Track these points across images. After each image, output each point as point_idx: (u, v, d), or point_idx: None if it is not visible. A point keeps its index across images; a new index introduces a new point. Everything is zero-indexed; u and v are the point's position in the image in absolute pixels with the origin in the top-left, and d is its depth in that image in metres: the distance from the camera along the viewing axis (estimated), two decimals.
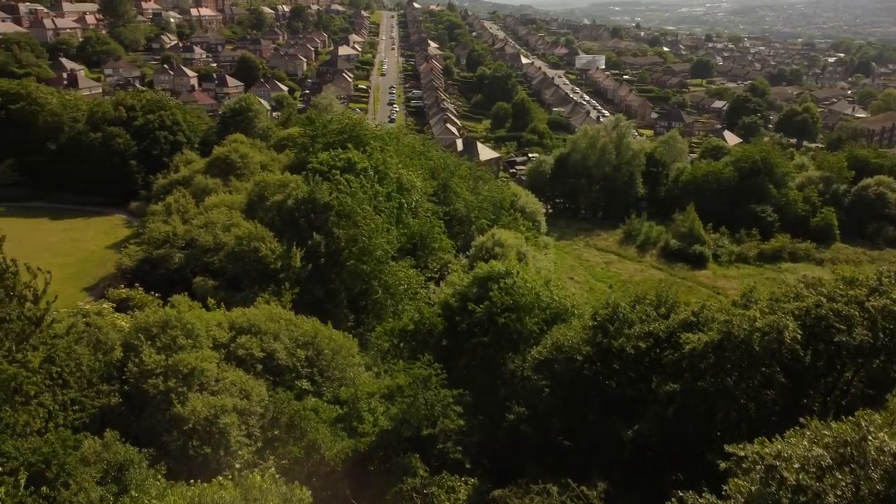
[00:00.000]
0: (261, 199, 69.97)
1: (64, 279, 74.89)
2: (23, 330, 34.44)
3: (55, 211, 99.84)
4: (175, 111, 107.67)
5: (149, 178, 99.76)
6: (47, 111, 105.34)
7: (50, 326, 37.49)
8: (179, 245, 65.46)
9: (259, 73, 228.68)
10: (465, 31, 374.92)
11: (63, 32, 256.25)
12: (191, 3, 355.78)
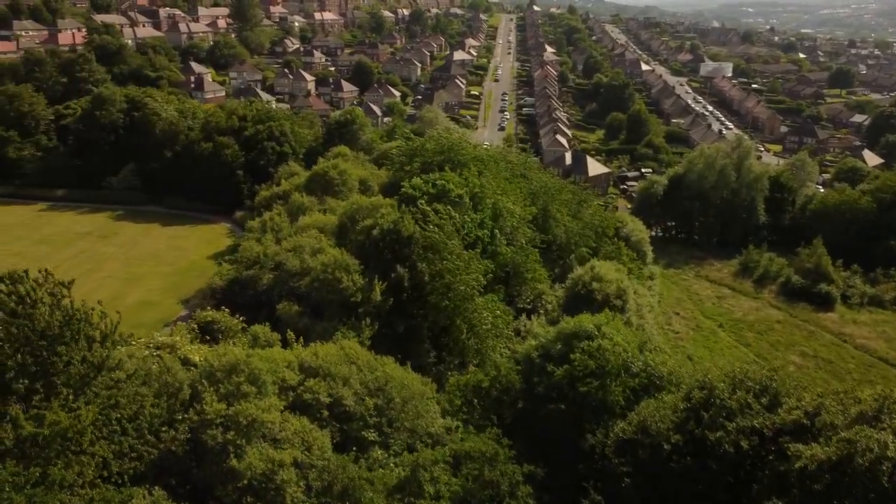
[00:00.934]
0: (352, 222, 68.82)
1: (164, 289, 77.28)
2: (85, 374, 33.99)
3: (166, 216, 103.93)
4: (283, 122, 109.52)
5: (254, 187, 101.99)
6: (165, 119, 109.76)
7: (116, 368, 36.91)
8: (269, 266, 65.34)
9: (373, 77, 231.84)
10: (583, 35, 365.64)
11: (196, 36, 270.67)
12: (315, 8, 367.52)
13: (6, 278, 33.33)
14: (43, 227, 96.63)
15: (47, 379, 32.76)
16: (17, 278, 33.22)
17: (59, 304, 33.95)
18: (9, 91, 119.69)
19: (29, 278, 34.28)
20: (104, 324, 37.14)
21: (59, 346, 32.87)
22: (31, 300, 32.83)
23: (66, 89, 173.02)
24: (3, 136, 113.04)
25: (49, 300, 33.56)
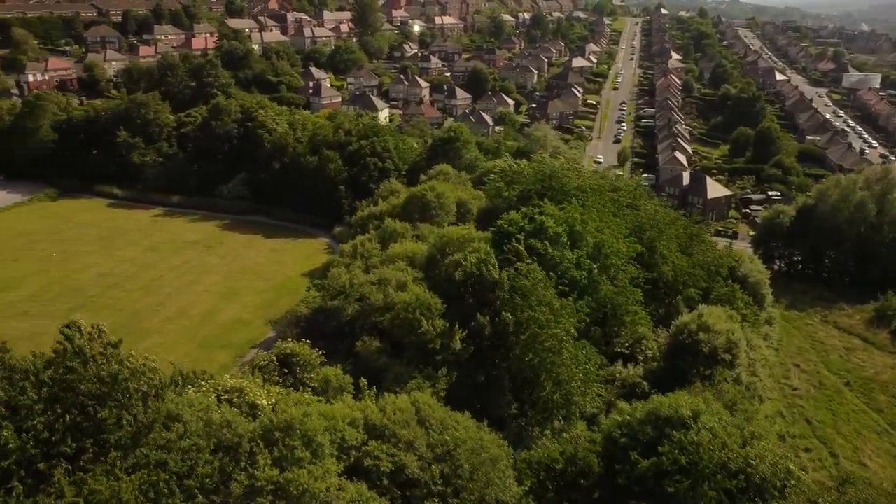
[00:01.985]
0: (441, 254, 66.33)
1: (257, 307, 77.85)
2: (136, 433, 33.10)
3: (269, 228, 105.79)
4: (387, 138, 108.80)
5: (355, 203, 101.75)
6: (275, 131, 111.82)
7: (173, 421, 35.84)
8: (354, 297, 63.88)
9: (488, 85, 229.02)
10: (713, 40, 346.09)
11: (319, 41, 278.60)
12: (436, 12, 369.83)
13: (62, 334, 32.95)
14: (155, 234, 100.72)
15: (97, 437, 32.10)
16: (71, 335, 32.67)
17: (110, 361, 33.12)
18: (138, 99, 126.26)
19: (83, 333, 33.80)
20: (158, 377, 36.33)
21: (110, 404, 32.13)
22: (84, 357, 32.17)
23: (194, 93, 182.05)
24: (129, 142, 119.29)
25: (100, 357, 32.79)
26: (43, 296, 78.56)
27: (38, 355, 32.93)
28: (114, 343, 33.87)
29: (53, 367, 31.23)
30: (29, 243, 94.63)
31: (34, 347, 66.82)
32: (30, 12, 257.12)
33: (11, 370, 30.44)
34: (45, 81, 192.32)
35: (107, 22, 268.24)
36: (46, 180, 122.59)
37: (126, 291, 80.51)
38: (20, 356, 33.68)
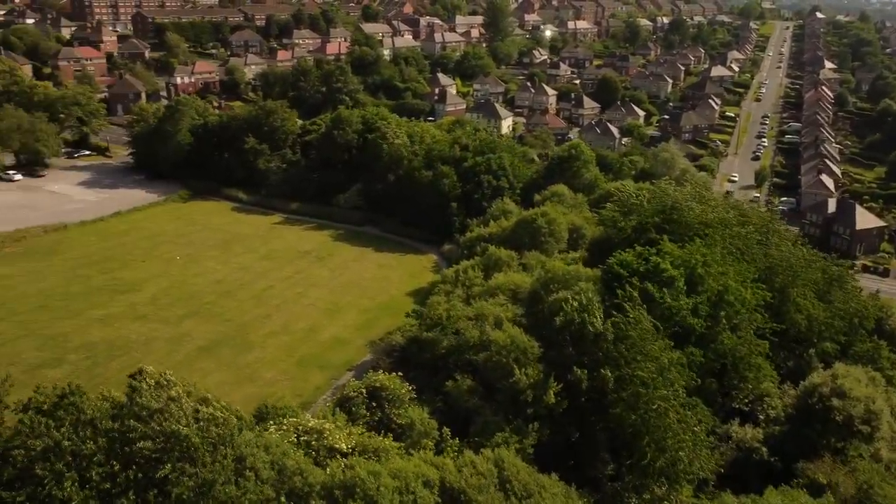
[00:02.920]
0: (545, 289, 62.75)
1: (358, 326, 77.49)
2: (199, 488, 32.28)
3: (380, 241, 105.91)
4: (503, 155, 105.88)
5: (466, 221, 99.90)
6: (393, 144, 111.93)
7: (246, 470, 34.81)
8: (451, 329, 61.66)
9: (618, 94, 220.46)
10: (875, 48, 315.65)
11: (448, 46, 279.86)
12: (570, 16, 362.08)
13: (129, 385, 32.63)
14: (272, 241, 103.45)
15: (161, 489, 31.59)
16: (137, 386, 32.24)
17: (173, 417, 32.39)
18: (267, 107, 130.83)
19: (149, 384, 33.35)
20: (230, 427, 35.45)
21: (172, 460, 31.46)
22: (147, 412, 31.66)
23: (324, 98, 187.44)
24: (256, 149, 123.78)
25: (162, 413, 32.09)
26: (161, 299, 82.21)
27: (107, 397, 32.75)
28: (176, 397, 32.83)
29: (117, 420, 30.84)
30: (157, 245, 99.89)
31: (147, 353, 70.01)
32: (184, 17, 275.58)
33: (79, 418, 30.33)
34: (191, 83, 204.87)
35: (251, 26, 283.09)
36: (182, 182, 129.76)
37: (237, 301, 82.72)
38: (93, 398, 33.75)
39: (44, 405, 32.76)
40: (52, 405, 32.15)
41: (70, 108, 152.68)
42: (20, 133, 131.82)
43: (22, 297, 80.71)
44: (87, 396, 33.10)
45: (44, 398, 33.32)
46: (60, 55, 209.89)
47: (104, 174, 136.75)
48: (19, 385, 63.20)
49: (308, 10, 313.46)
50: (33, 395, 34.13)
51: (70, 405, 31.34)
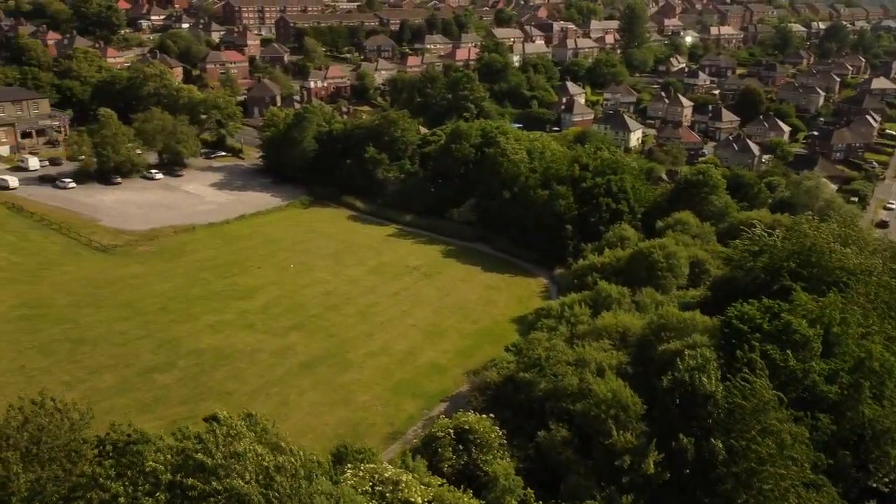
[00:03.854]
0: (656, 336, 57.91)
1: (457, 353, 75.54)
2: None
3: (490, 259, 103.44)
4: (625, 177, 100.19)
5: (580, 245, 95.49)
6: (511, 160, 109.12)
7: None
8: (550, 371, 58.14)
9: (761, 107, 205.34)
10: None
11: (581, 52, 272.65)
12: (714, 21, 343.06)
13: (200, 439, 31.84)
14: (383, 254, 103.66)
15: None
16: (205, 439, 31.41)
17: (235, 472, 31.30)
18: (389, 116, 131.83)
19: (219, 432, 32.41)
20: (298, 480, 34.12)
21: None
22: (210, 464, 30.76)
23: (450, 105, 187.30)
24: (376, 158, 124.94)
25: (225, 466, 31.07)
26: (272, 309, 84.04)
27: (172, 447, 32.20)
28: (242, 452, 31.54)
29: (179, 472, 30.17)
30: (275, 252, 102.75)
31: (250, 363, 71.38)
32: (323, 22, 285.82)
33: (142, 468, 29.94)
34: (324, 88, 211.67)
35: (385, 31, 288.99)
36: (305, 187, 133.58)
37: (343, 315, 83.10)
38: (163, 442, 33.38)
39: (118, 443, 32.81)
40: (120, 449, 32.07)
41: (210, 111, 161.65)
42: (163, 134, 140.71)
43: (147, 298, 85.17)
44: (152, 443, 32.72)
45: (117, 436, 33.43)
46: (208, 58, 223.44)
47: (236, 176, 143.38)
48: (131, 388, 66.68)
49: (442, 14, 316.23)
50: (109, 433, 34.41)
51: (136, 453, 31.07)
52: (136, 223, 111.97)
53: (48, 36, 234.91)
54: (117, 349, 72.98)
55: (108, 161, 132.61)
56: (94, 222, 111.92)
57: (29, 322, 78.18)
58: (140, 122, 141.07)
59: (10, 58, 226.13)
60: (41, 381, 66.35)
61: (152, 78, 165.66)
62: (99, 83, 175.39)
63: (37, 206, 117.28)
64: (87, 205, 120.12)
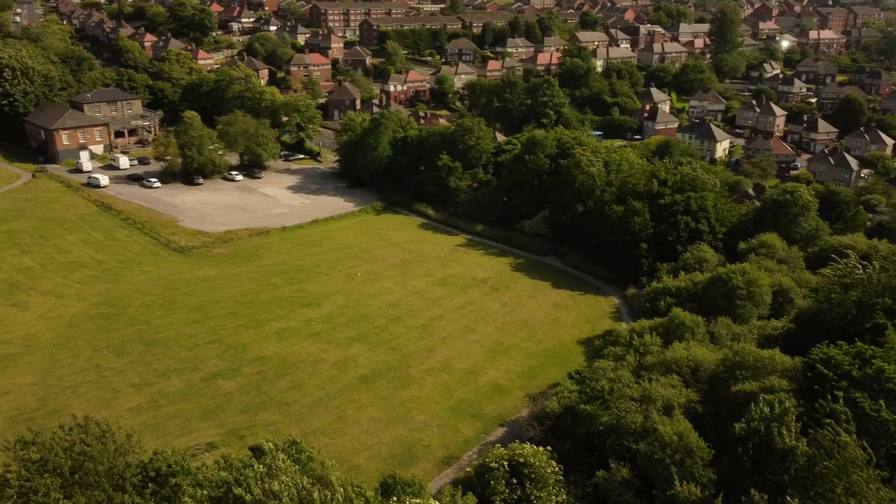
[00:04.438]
0: (730, 376, 54.15)
1: (520, 374, 73.48)
2: None
3: (559, 275, 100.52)
4: (706, 195, 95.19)
5: (655, 265, 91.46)
6: (586, 172, 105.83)
7: None
8: (613, 404, 55.27)
9: (862, 118, 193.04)
10: None
11: (668, 57, 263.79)
12: (814, 24, 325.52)
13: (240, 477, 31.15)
14: (450, 265, 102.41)
15: None
16: (243, 480, 30.68)
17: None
18: (465, 124, 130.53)
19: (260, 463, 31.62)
20: None
21: None
22: None
23: (528, 111, 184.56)
24: (449, 166, 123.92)
25: None
26: (336, 318, 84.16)
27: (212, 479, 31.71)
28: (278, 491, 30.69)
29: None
30: (343, 259, 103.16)
31: (311, 374, 71.43)
32: (406, 25, 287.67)
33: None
34: (403, 92, 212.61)
35: (467, 34, 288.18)
36: (378, 192, 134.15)
37: (406, 328, 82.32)
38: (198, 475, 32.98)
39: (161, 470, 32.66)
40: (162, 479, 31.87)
41: (291, 114, 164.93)
42: (245, 137, 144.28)
43: (217, 301, 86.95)
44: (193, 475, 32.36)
45: (160, 463, 33.29)
46: (293, 61, 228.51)
47: (312, 179, 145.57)
48: (196, 393, 67.81)
49: (525, 17, 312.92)
50: (152, 459, 34.34)
51: (175, 486, 30.75)
52: (213, 224, 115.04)
53: (146, 38, 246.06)
54: (186, 353, 74.61)
55: (192, 162, 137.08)
56: (175, 222, 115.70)
57: (106, 321, 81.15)
58: (223, 124, 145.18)
59: (110, 58, 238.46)
60: (112, 382, 68.71)
61: (237, 81, 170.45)
62: (188, 85, 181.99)
63: (124, 205, 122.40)
64: (169, 205, 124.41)
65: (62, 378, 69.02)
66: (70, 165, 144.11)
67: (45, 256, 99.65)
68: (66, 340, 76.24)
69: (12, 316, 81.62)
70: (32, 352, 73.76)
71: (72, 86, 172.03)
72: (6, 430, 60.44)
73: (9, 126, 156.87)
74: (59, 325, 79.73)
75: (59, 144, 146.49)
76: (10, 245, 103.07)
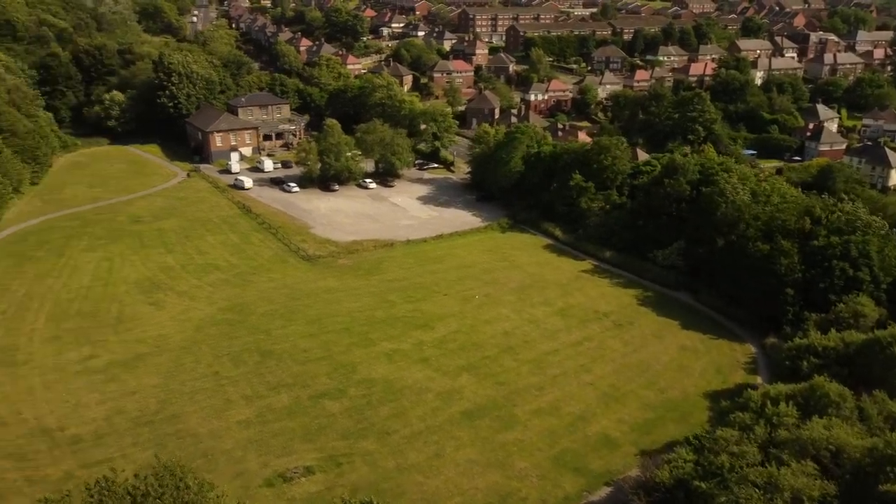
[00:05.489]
0: (879, 471, 46.41)
1: (633, 426, 68.64)
2: None
3: (691, 313, 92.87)
4: (870, 239, 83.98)
5: (802, 314, 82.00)
6: (731, 202, 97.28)
7: None
8: (733, 482, 49.18)
9: None
10: None
11: (841, 69, 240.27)
12: None
13: None
14: (572, 293, 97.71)
15: None
16: None
17: None
18: (602, 142, 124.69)
19: None
20: None
21: None
22: None
23: (675, 126, 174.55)
24: (581, 186, 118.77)
25: None
26: (448, 343, 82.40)
27: None
28: None
29: None
30: (463, 278, 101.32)
31: (415, 403, 70.00)
32: (554, 31, 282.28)
33: None
34: (544, 101, 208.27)
35: (617, 41, 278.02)
36: (506, 208, 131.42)
37: (517, 361, 79.03)
38: None
39: None
40: None
41: (428, 123, 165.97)
42: (381, 145, 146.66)
43: (335, 316, 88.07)
44: None
45: None
46: (436, 67, 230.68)
47: (442, 190, 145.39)
48: (302, 412, 68.34)
49: (681, 23, 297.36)
50: None
51: None
52: (341, 233, 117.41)
53: (301, 42, 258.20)
54: (298, 367, 75.86)
55: (330, 168, 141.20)
56: (307, 229, 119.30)
57: (230, 327, 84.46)
58: (362, 132, 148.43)
59: (269, 61, 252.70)
60: (227, 392, 70.97)
61: (379, 88, 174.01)
62: (334, 91, 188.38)
63: (263, 208, 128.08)
64: (304, 210, 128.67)
65: (183, 383, 72.30)
66: (221, 166, 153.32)
67: (186, 257, 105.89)
68: (192, 344, 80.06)
69: (149, 315, 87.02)
70: (161, 353, 78.03)
71: (230, 89, 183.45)
72: (127, 433, 64.07)
73: (173, 127, 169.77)
74: (188, 327, 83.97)
75: (212, 146, 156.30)
76: (158, 243, 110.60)
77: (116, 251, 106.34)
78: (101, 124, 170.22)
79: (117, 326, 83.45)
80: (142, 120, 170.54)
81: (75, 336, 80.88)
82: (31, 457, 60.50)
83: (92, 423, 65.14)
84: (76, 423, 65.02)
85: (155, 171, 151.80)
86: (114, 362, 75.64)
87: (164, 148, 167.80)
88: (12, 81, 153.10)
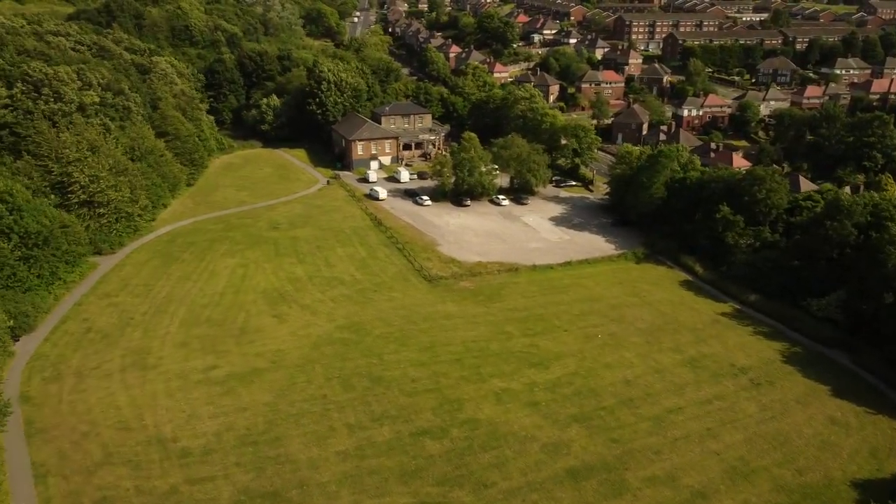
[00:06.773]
0: None
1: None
2: None
3: (845, 378, 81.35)
4: None
5: None
6: None
7: None
8: None
9: None
10: None
11: None
12: None
13: None
14: (707, 341, 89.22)
15: None
16: None
17: None
18: (756, 173, 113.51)
19: None
20: None
21: None
22: None
23: (847, 151, 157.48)
24: (729, 219, 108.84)
25: None
26: (562, 387, 77.66)
27: None
28: None
29: None
30: (587, 313, 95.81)
31: (518, 453, 66.55)
32: (716, 39, 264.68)
33: None
34: (698, 117, 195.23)
35: (788, 51, 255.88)
36: (643, 236, 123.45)
37: (636, 417, 72.83)
38: None
39: None
40: None
41: (569, 138, 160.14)
42: (517, 161, 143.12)
43: (448, 344, 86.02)
44: None
45: None
46: (585, 77, 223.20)
47: (577, 211, 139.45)
48: (401, 450, 66.43)
49: (866, 31, 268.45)
50: None
51: None
52: (467, 253, 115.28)
53: (451, 49, 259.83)
54: (404, 398, 74.47)
55: (463, 183, 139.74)
56: (433, 246, 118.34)
57: (345, 347, 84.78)
58: (498, 147, 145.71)
59: (418, 67, 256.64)
60: (332, 418, 70.88)
61: (522, 101, 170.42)
62: (477, 101, 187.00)
63: (393, 221, 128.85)
64: (433, 225, 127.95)
65: (292, 403, 73.14)
66: (360, 174, 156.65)
67: (314, 268, 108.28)
68: (307, 363, 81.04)
69: (271, 328, 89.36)
70: (277, 369, 79.61)
71: (377, 96, 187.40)
72: (233, 451, 65.45)
73: (320, 133, 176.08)
74: (305, 344, 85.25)
75: (354, 154, 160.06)
76: (291, 252, 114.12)
77: (252, 258, 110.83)
78: (256, 128, 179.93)
79: (240, 338, 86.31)
80: (293, 125, 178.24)
81: (202, 344, 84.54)
82: (145, 466, 63.27)
83: (202, 437, 67.26)
84: (188, 436, 67.40)
85: (298, 176, 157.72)
86: (232, 375, 78.08)
87: (310, 153, 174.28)
88: (180, 87, 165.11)
